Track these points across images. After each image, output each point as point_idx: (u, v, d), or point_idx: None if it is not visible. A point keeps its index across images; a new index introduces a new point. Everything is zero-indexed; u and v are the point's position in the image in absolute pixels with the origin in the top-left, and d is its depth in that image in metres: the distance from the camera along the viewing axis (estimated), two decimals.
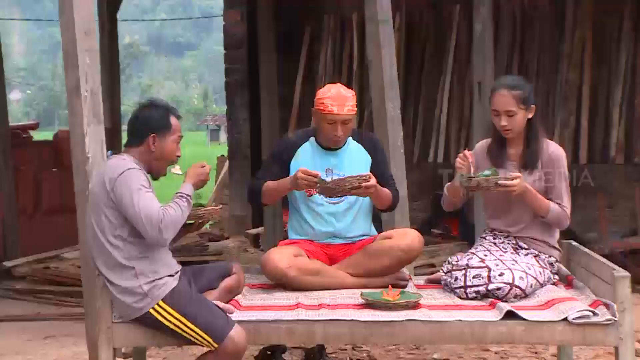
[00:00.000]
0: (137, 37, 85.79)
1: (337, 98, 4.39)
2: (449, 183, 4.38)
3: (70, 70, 4.57)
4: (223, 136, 45.62)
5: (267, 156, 4.66)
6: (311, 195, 4.50)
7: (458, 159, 4.22)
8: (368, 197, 4.52)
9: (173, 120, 3.95)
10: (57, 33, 5.44)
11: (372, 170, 4.46)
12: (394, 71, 5.63)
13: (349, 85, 8.82)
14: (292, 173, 4.45)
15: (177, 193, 3.86)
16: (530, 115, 4.26)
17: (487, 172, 4.12)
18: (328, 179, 4.33)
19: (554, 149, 4.28)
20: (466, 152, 4.24)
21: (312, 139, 4.57)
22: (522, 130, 4.27)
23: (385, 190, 4.47)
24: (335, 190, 4.25)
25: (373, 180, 4.28)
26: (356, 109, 4.46)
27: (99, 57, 4.72)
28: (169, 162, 3.97)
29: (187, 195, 3.86)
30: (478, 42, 7.16)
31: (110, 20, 10.12)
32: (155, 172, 3.95)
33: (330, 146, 4.50)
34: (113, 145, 9.29)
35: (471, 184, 4.12)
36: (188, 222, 4.15)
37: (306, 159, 4.50)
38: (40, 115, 66.81)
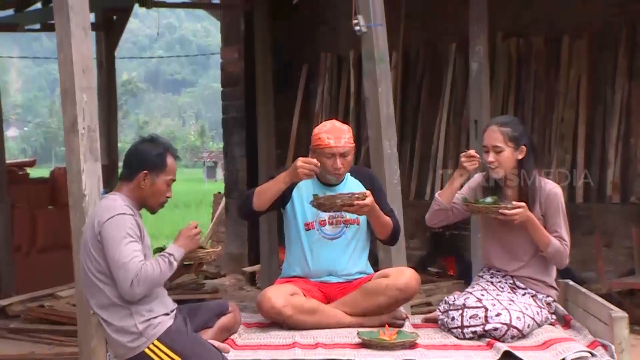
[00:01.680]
0: (135, 74, 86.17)
1: (333, 131, 4.44)
2: (441, 190, 4.41)
3: (67, 107, 4.58)
4: (220, 173, 45.60)
5: (267, 178, 4.65)
6: (309, 229, 4.49)
7: (463, 157, 4.26)
8: (365, 237, 4.54)
9: (169, 160, 3.92)
10: (55, 70, 5.46)
11: None
12: (390, 109, 5.64)
13: (345, 121, 8.85)
14: (294, 200, 4.49)
15: (162, 252, 3.84)
16: (520, 156, 4.27)
17: (489, 200, 4.17)
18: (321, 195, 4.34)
19: (551, 187, 4.29)
20: (471, 151, 4.29)
21: None
22: (513, 171, 4.28)
23: (385, 216, 4.47)
24: (325, 205, 4.26)
25: (369, 200, 4.27)
26: (353, 142, 4.50)
27: (96, 94, 4.73)
28: (160, 201, 3.94)
29: (169, 254, 3.81)
30: (474, 80, 7.20)
31: (108, 58, 10.17)
32: (148, 208, 3.93)
33: (331, 181, 4.50)
34: (110, 182, 9.29)
35: (473, 208, 4.17)
36: (187, 262, 4.10)
37: (307, 190, 4.51)
38: (37, 151, 66.89)
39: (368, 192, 4.33)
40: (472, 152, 4.33)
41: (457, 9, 8.32)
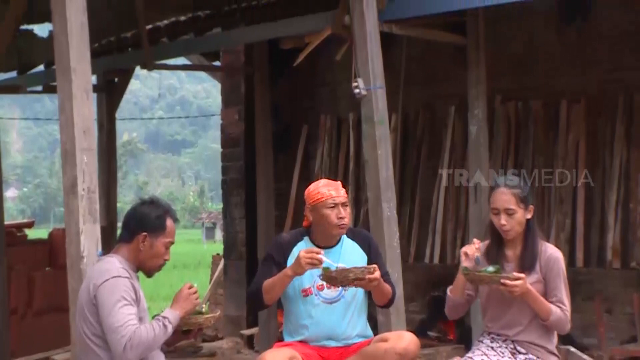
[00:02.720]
0: (136, 135, 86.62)
1: (329, 184, 4.52)
2: (451, 286, 4.37)
3: (68, 168, 4.59)
4: (219, 234, 45.52)
5: (263, 259, 4.65)
6: (307, 295, 4.46)
7: (462, 254, 4.23)
8: (362, 298, 4.52)
9: (169, 222, 3.92)
10: (56, 130, 5.49)
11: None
12: (389, 171, 5.67)
13: (344, 184, 8.85)
14: None
15: (157, 316, 3.81)
16: (528, 216, 4.26)
17: (490, 269, 4.14)
18: (333, 267, 4.30)
19: (552, 252, 4.27)
20: (470, 248, 4.25)
21: (306, 237, 4.56)
22: (521, 231, 4.26)
23: (386, 283, 4.46)
24: (338, 279, 4.23)
25: (377, 273, 4.26)
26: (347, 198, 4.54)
27: (97, 156, 4.75)
28: (158, 263, 3.91)
29: (164, 317, 3.79)
30: (473, 143, 7.23)
31: (109, 119, 10.21)
32: (145, 270, 3.92)
33: (339, 232, 4.49)
34: (108, 243, 9.25)
35: (474, 278, 4.13)
36: (185, 328, 4.06)
37: None
38: (36, 212, 66.91)
39: (375, 265, 4.31)
40: (468, 250, 4.28)
41: (456, 72, 8.38)
